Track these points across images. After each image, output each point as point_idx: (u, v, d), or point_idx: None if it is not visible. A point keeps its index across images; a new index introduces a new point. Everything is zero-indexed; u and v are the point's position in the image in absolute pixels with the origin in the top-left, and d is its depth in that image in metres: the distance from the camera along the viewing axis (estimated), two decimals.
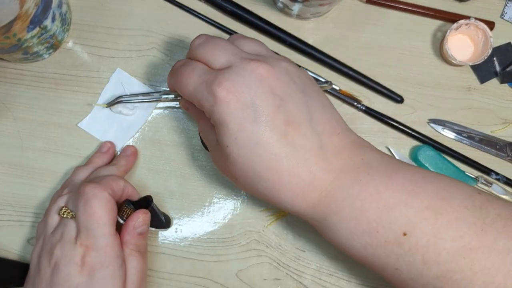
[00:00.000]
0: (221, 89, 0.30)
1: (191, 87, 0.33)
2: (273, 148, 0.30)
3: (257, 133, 0.30)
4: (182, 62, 0.35)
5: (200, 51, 0.34)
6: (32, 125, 0.45)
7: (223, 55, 0.32)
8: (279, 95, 0.31)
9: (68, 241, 0.35)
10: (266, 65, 0.31)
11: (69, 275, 0.34)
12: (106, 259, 0.35)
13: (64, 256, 0.35)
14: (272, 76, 0.31)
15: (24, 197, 0.44)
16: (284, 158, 0.30)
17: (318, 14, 0.45)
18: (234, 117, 0.30)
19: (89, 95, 0.45)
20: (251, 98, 0.30)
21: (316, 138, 0.31)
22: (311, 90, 0.33)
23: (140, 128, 0.45)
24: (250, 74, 0.31)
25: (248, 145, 0.30)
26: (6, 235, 0.43)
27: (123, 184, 0.39)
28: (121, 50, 0.46)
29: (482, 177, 0.45)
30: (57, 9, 0.41)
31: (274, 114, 0.30)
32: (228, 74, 0.31)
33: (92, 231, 0.35)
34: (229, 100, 0.30)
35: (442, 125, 0.46)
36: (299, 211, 0.32)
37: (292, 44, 0.45)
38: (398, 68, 0.46)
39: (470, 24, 0.45)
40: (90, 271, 0.34)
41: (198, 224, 0.44)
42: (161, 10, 0.46)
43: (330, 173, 0.31)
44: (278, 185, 0.31)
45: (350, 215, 0.31)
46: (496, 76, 0.47)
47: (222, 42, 0.33)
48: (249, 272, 0.43)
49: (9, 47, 0.39)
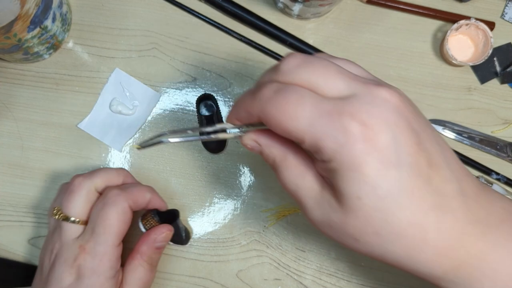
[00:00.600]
0: (355, 123, 0.24)
1: (303, 120, 0.25)
2: (419, 197, 0.24)
3: (402, 179, 0.24)
4: (274, 88, 0.26)
5: (303, 75, 0.26)
6: (32, 125, 0.45)
7: (340, 79, 0.25)
8: (416, 130, 0.25)
9: (66, 242, 0.35)
10: (396, 92, 0.25)
11: (61, 275, 0.34)
12: (99, 267, 0.34)
13: (60, 256, 0.35)
14: (406, 106, 0.25)
15: (24, 197, 0.44)
16: (431, 209, 0.25)
17: (318, 14, 0.45)
18: (373, 159, 0.24)
19: (90, 95, 0.45)
20: (392, 135, 0.24)
21: (455, 182, 0.26)
22: (428, 123, 0.27)
23: (140, 128, 0.45)
24: (385, 104, 0.24)
25: (390, 195, 0.24)
26: (6, 235, 0.43)
27: (150, 196, 0.37)
28: (121, 50, 0.46)
29: (482, 177, 0.45)
30: (58, 9, 0.41)
31: (416, 154, 0.24)
32: (359, 104, 0.24)
33: (97, 235, 0.34)
34: (367, 138, 0.23)
35: (443, 125, 0.46)
36: (436, 274, 0.26)
37: (292, 44, 0.45)
38: (398, 68, 0.46)
39: (470, 25, 0.45)
40: (80, 274, 0.34)
41: (199, 224, 0.44)
42: (161, 10, 0.46)
43: (477, 225, 0.26)
44: (420, 243, 0.25)
45: (507, 279, 0.25)
46: (497, 77, 0.47)
47: (331, 64, 0.27)
48: (249, 272, 0.43)
49: (10, 47, 0.39)
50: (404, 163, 0.24)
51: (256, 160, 0.45)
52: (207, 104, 0.44)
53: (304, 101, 0.25)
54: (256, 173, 0.45)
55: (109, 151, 0.45)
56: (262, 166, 0.45)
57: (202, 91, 0.45)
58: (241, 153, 0.45)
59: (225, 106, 0.45)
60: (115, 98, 0.45)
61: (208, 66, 0.46)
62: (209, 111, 0.44)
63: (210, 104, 0.44)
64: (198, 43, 0.46)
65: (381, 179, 0.24)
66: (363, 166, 0.24)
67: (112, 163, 0.44)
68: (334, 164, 0.25)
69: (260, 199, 0.44)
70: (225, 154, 0.45)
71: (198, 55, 0.46)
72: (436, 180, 0.25)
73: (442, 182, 0.25)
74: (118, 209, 0.34)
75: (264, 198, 0.44)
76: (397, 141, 0.24)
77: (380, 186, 0.24)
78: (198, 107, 0.44)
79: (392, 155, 0.24)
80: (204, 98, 0.44)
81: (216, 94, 0.45)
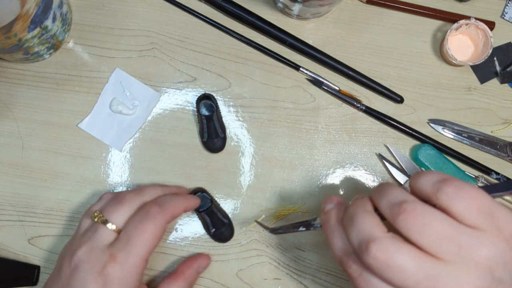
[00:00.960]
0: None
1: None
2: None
3: None
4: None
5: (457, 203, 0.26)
6: (33, 125, 0.45)
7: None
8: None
9: (96, 247, 0.35)
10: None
11: (85, 281, 0.34)
12: (128, 278, 0.34)
13: (86, 260, 0.34)
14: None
15: (24, 197, 0.44)
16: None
17: (318, 14, 0.45)
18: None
19: (90, 95, 0.45)
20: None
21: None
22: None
23: (140, 127, 0.45)
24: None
25: None
26: (6, 235, 0.44)
27: (184, 208, 0.39)
28: (121, 50, 0.46)
29: (482, 176, 0.45)
30: (58, 9, 0.41)
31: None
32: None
33: (131, 247, 0.34)
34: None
35: (442, 125, 0.46)
36: None
37: (292, 44, 0.45)
38: (398, 68, 0.46)
39: (470, 24, 0.45)
40: (106, 283, 0.34)
41: (199, 224, 0.44)
42: (161, 10, 0.46)
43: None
44: None
45: None
46: (497, 76, 0.47)
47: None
48: (249, 272, 0.43)
49: (10, 47, 0.39)
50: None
51: (256, 160, 0.45)
52: (207, 104, 0.44)
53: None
54: (256, 173, 0.45)
55: (109, 150, 0.45)
56: (263, 166, 0.45)
57: (202, 91, 0.45)
58: (241, 153, 0.45)
59: (225, 106, 0.45)
60: (115, 98, 0.45)
61: (208, 66, 0.46)
62: (209, 111, 0.44)
63: (210, 104, 0.44)
64: (198, 43, 0.46)
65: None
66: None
67: (112, 162, 0.44)
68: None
69: (260, 199, 0.44)
70: (225, 154, 0.45)
71: (198, 55, 0.46)
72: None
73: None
74: (155, 226, 0.35)
75: (264, 198, 0.44)
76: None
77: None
78: (198, 107, 0.44)
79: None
80: (204, 98, 0.44)
81: (216, 94, 0.45)
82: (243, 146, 0.45)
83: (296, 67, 0.46)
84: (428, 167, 0.44)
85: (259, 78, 0.46)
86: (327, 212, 0.33)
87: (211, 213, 0.42)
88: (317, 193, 0.45)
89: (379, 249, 0.25)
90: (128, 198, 0.37)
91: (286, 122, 0.45)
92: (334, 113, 0.46)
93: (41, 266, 0.43)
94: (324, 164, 0.45)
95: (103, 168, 0.45)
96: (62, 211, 0.44)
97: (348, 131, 0.45)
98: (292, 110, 0.45)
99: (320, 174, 0.45)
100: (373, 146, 0.45)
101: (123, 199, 0.37)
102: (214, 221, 0.42)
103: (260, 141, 0.45)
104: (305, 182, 0.45)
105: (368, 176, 0.45)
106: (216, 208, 0.43)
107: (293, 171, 0.45)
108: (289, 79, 0.46)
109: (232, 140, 0.45)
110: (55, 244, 0.44)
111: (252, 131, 0.45)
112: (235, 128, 0.45)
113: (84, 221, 0.38)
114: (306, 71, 0.46)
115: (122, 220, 0.36)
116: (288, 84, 0.46)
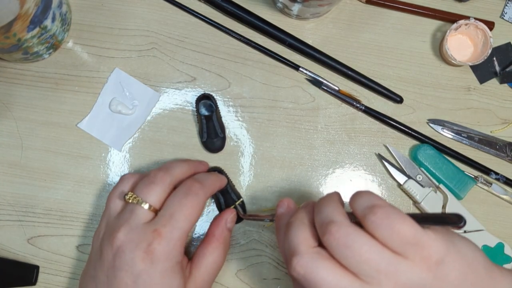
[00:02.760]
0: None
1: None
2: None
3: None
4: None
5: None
6: (32, 125, 0.45)
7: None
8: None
9: (136, 226, 0.35)
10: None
11: (133, 261, 0.34)
12: (173, 251, 0.35)
13: (130, 240, 0.34)
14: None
15: (24, 197, 0.44)
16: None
17: (317, 14, 0.45)
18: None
19: (89, 95, 0.45)
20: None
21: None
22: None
23: (140, 127, 0.45)
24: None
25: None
26: (6, 235, 0.44)
27: (219, 186, 0.41)
28: (121, 50, 0.46)
29: (481, 176, 0.45)
30: (57, 9, 0.41)
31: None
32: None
33: (175, 221, 0.35)
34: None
35: (442, 125, 0.46)
36: None
37: (292, 44, 0.45)
38: (397, 68, 0.46)
39: (469, 24, 0.45)
40: (154, 260, 0.34)
41: (198, 224, 0.44)
42: (161, 10, 0.46)
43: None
44: None
45: None
46: (496, 76, 0.47)
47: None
48: (248, 272, 0.43)
49: (9, 47, 0.39)
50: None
51: (255, 160, 0.45)
52: (206, 104, 0.44)
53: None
54: (255, 173, 0.45)
55: (109, 150, 0.45)
56: (262, 166, 0.45)
57: (202, 91, 0.45)
58: (241, 153, 0.45)
59: (224, 105, 0.45)
60: (114, 98, 0.45)
61: (208, 66, 0.46)
62: (208, 111, 0.44)
63: (209, 104, 0.44)
64: (198, 43, 0.46)
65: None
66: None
67: (112, 162, 0.44)
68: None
69: (260, 198, 0.44)
70: (225, 154, 0.45)
71: (198, 55, 0.46)
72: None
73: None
74: (198, 201, 0.37)
75: (263, 197, 0.44)
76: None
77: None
78: (197, 107, 0.44)
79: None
80: (204, 98, 0.44)
81: (216, 94, 0.45)
82: (242, 146, 0.45)
83: (295, 67, 0.46)
84: (428, 167, 0.44)
85: (259, 78, 0.46)
86: (278, 216, 0.36)
87: (225, 192, 0.43)
88: (316, 193, 0.45)
89: (298, 264, 0.28)
90: (159, 177, 0.37)
91: (286, 122, 0.45)
92: (333, 113, 0.46)
93: (40, 266, 0.43)
94: (323, 164, 0.45)
95: (103, 168, 0.45)
96: (62, 211, 0.44)
97: (347, 131, 0.46)
98: (291, 110, 0.46)
99: (319, 174, 0.45)
100: (372, 146, 0.45)
101: (154, 178, 0.37)
102: (228, 201, 0.43)
103: (260, 141, 0.45)
104: (305, 182, 0.45)
105: (368, 176, 0.45)
106: (231, 188, 0.43)
107: (293, 171, 0.45)
108: (288, 79, 0.46)
109: (232, 140, 0.45)
110: (54, 244, 0.44)
111: (252, 131, 0.45)
112: (234, 128, 0.45)
113: (113, 203, 0.38)
114: (306, 71, 0.46)
115: (157, 199, 0.36)
116: (287, 84, 0.46)
